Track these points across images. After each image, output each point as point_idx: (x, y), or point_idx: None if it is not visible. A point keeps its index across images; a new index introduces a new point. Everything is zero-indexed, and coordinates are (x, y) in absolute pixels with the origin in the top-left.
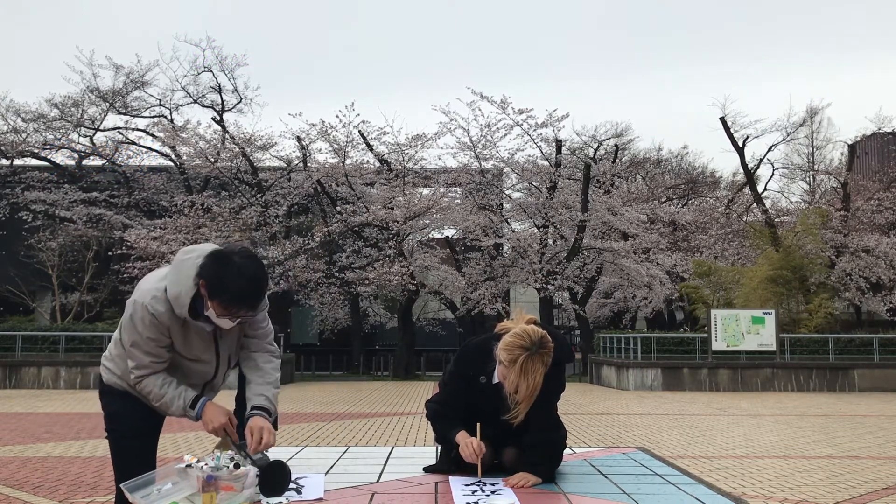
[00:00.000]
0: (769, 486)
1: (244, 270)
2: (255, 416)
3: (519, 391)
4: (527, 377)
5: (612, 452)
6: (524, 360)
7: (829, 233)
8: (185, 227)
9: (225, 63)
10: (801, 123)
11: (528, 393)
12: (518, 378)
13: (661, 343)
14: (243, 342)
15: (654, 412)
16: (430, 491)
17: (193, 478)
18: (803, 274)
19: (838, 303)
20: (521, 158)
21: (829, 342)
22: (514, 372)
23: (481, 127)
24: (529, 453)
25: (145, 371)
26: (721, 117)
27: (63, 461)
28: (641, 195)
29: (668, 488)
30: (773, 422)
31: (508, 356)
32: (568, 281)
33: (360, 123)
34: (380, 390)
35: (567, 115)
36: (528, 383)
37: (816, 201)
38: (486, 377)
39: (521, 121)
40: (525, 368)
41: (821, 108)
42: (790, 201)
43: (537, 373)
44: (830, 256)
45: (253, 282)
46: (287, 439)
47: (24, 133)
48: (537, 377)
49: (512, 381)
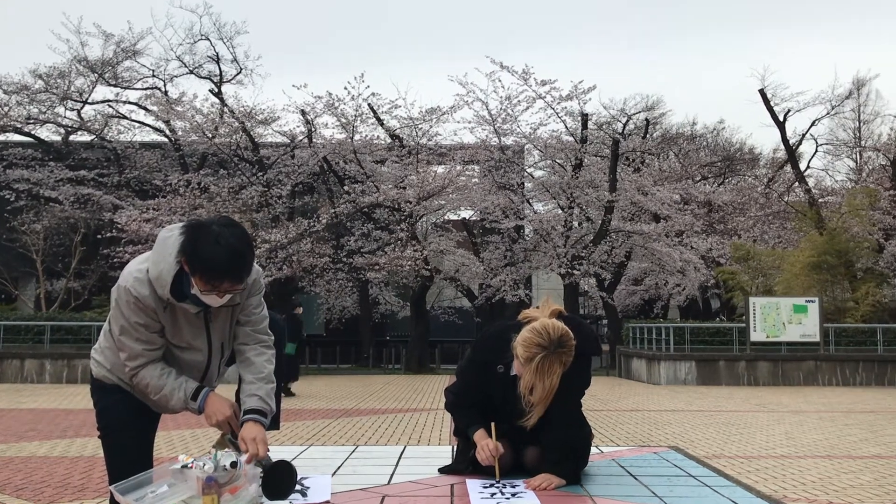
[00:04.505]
0: (812, 488)
1: (223, 238)
2: (247, 421)
3: (534, 392)
4: (543, 378)
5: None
6: (541, 360)
7: (878, 214)
8: (180, 208)
9: (223, 30)
10: (847, 96)
11: (544, 395)
12: (533, 378)
13: (696, 333)
14: (235, 331)
15: (687, 408)
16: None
17: (192, 479)
18: (849, 259)
19: (887, 290)
20: (544, 134)
21: (877, 333)
22: (529, 371)
23: (501, 99)
24: (552, 452)
25: (140, 361)
26: (760, 89)
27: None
28: (674, 173)
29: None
30: (817, 419)
31: (525, 353)
32: (595, 266)
33: (370, 96)
34: (391, 385)
35: (594, 87)
36: (543, 385)
37: (864, 180)
38: (503, 367)
39: (545, 93)
40: (541, 369)
41: (868, 80)
42: (835, 180)
43: (554, 374)
44: (879, 240)
45: (232, 250)
46: (291, 438)
47: (5, 106)
48: (554, 379)
49: (527, 381)
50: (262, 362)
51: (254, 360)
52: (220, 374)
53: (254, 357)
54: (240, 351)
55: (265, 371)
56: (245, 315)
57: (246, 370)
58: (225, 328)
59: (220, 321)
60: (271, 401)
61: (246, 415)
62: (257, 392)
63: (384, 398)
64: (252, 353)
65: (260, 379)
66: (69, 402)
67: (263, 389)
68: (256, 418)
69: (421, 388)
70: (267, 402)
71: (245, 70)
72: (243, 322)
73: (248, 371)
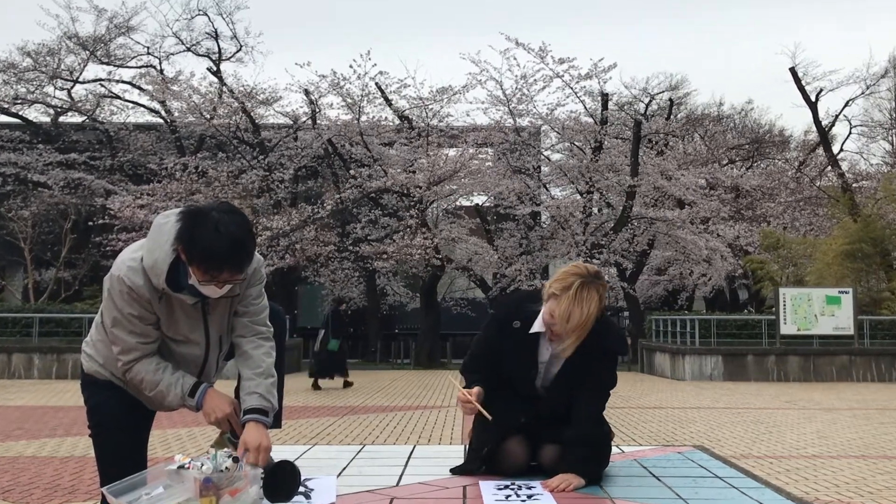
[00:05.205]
0: (846, 489)
1: (222, 226)
2: (248, 422)
3: (571, 319)
4: (581, 304)
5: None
6: (579, 286)
7: None
8: (176, 194)
9: (222, 5)
10: (883, 74)
11: (581, 322)
12: (571, 304)
13: (722, 326)
14: (233, 323)
15: (713, 405)
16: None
17: (189, 480)
18: (885, 247)
19: None
20: (561, 114)
21: None
22: (566, 299)
23: (516, 78)
24: (572, 450)
25: (134, 355)
26: (791, 68)
27: (37, 461)
28: (699, 157)
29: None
30: (851, 416)
31: (562, 283)
32: (615, 255)
33: (378, 74)
34: (399, 380)
35: (614, 66)
36: (581, 311)
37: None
38: (520, 322)
39: (562, 71)
40: (580, 296)
41: None
42: (870, 164)
43: (592, 301)
44: None
45: (233, 238)
46: (294, 437)
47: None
48: (592, 307)
49: (564, 309)
50: (259, 356)
51: (251, 354)
52: (219, 368)
53: (251, 350)
54: (237, 344)
55: (264, 365)
56: (244, 306)
57: (244, 365)
58: (223, 320)
59: (218, 313)
60: (273, 397)
61: (246, 415)
62: (257, 389)
63: (392, 395)
64: (249, 345)
65: (259, 374)
66: (59, 398)
67: (263, 385)
68: (258, 418)
69: (431, 383)
70: (268, 398)
71: (245, 47)
72: (241, 313)
73: (245, 366)
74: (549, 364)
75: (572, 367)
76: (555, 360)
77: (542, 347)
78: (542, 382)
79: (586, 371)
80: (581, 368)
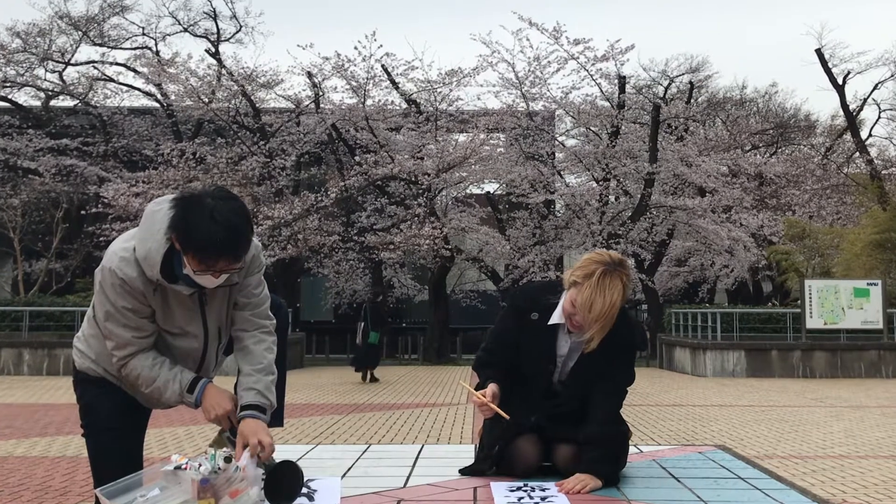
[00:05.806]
0: (874, 491)
1: (218, 213)
2: (244, 418)
3: (593, 308)
4: (604, 292)
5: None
6: (601, 274)
7: None
8: (173, 181)
9: None
10: None
11: (604, 311)
12: (594, 293)
13: (745, 320)
14: (233, 315)
15: (736, 403)
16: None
17: (186, 481)
18: None
19: None
20: (576, 98)
21: None
22: (589, 287)
23: (529, 60)
24: (588, 450)
25: (129, 350)
26: (817, 49)
27: (27, 462)
28: (721, 143)
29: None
30: (880, 414)
31: (584, 271)
32: (633, 245)
33: (384, 56)
34: (407, 376)
35: (632, 47)
36: (604, 299)
37: None
38: (538, 314)
39: (578, 53)
40: (602, 283)
41: None
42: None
43: (616, 290)
44: None
45: (229, 225)
46: (296, 436)
47: None
48: (615, 295)
49: (586, 297)
50: (261, 351)
51: (252, 349)
52: (218, 363)
53: (252, 345)
54: (238, 338)
55: (265, 361)
56: (244, 297)
57: (243, 360)
58: (222, 311)
59: (216, 303)
60: (271, 395)
61: (242, 411)
62: (255, 385)
63: (399, 392)
64: (251, 340)
65: (258, 370)
66: (50, 395)
67: (262, 382)
68: (254, 415)
69: (440, 380)
70: (266, 395)
71: (245, 28)
72: (242, 305)
73: (245, 361)
74: (567, 358)
75: (589, 362)
76: (573, 353)
77: (561, 340)
78: (559, 377)
79: (603, 366)
80: (598, 363)
